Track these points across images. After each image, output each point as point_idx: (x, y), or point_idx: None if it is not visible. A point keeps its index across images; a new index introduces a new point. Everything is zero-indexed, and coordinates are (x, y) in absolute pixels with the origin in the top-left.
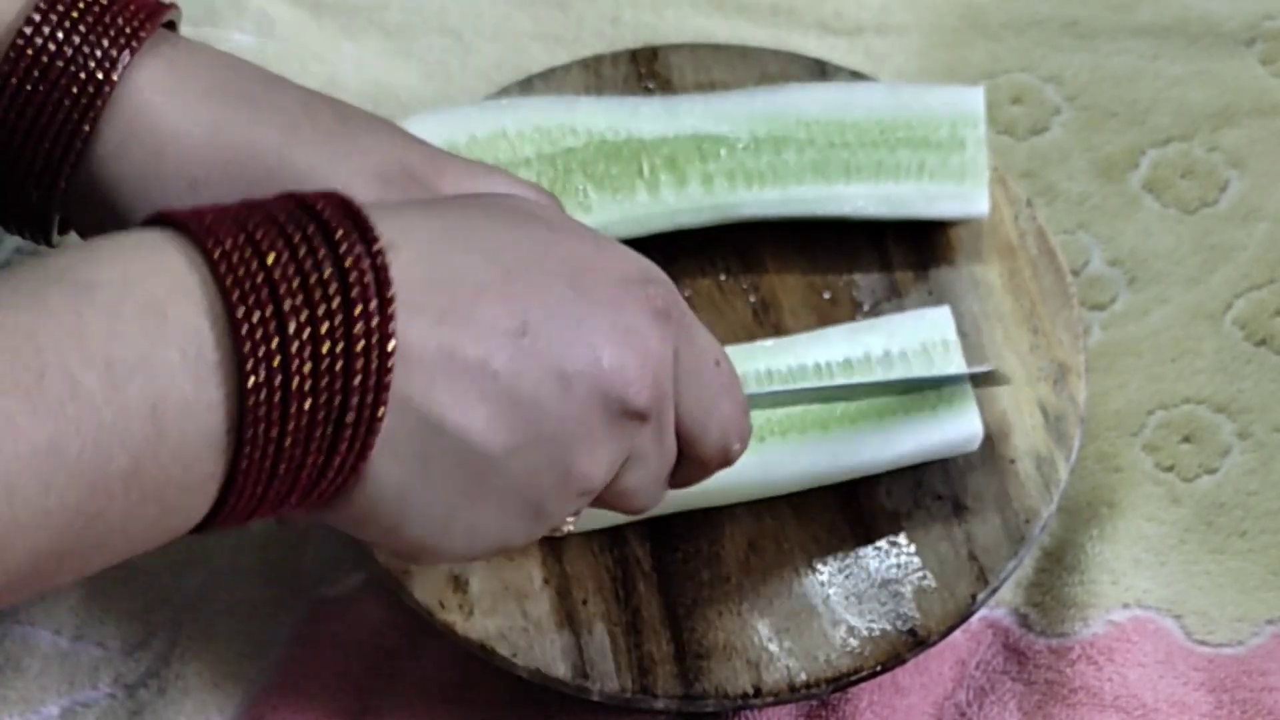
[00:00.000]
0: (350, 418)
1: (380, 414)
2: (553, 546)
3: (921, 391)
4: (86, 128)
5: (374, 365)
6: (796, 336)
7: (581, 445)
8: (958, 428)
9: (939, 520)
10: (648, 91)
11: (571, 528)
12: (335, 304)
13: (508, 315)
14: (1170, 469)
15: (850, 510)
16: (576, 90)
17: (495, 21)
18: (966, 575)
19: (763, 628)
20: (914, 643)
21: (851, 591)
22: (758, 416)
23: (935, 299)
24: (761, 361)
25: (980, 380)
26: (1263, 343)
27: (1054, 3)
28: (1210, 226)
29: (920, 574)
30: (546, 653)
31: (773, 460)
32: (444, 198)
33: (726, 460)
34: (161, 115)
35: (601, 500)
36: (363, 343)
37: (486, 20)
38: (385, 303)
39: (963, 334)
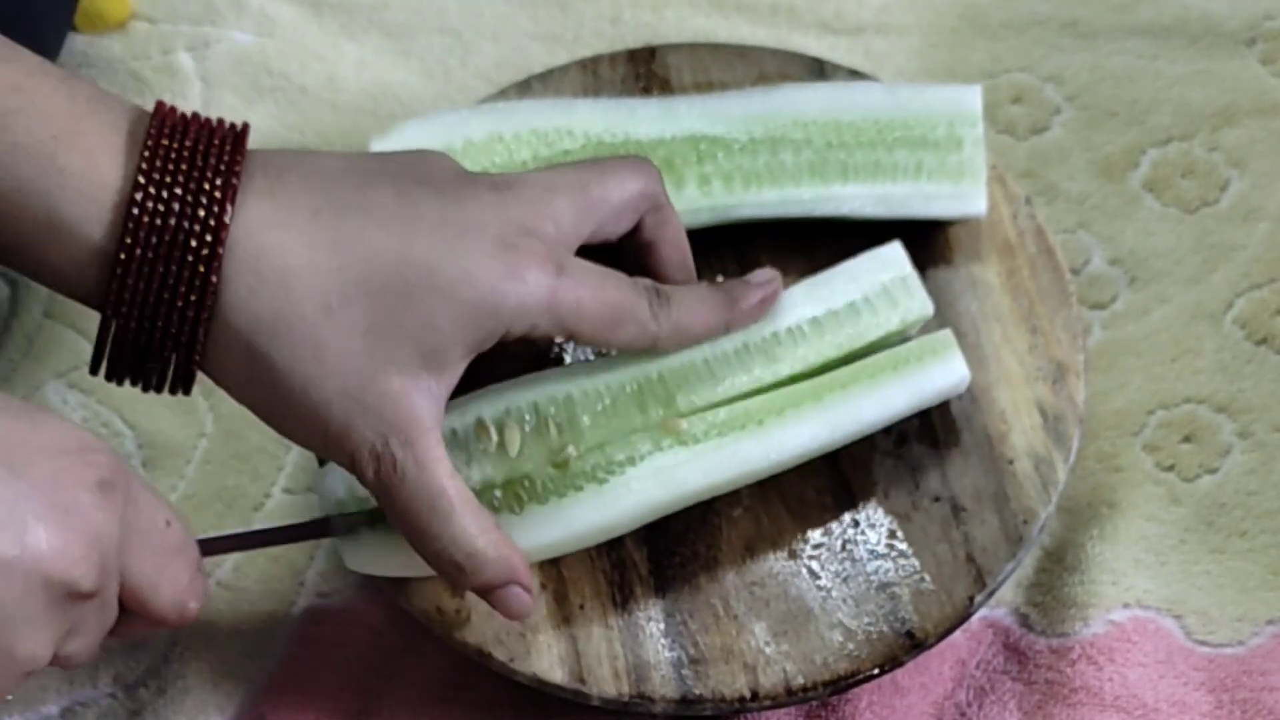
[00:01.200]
0: None
1: None
2: None
3: (904, 345)
4: (214, 279)
5: None
6: None
7: (24, 628)
8: (946, 374)
9: (937, 522)
10: (645, 92)
11: (10, 698)
12: None
13: None
14: (1170, 469)
15: (848, 513)
16: (575, 91)
17: (495, 21)
18: (964, 577)
19: (760, 631)
20: (911, 645)
21: (849, 594)
22: (756, 399)
23: (934, 299)
24: (738, 337)
25: None
26: (1263, 342)
27: (1054, 3)
28: (1210, 226)
29: (918, 576)
30: (544, 658)
31: (774, 441)
32: None
33: (183, 617)
34: (281, 252)
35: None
36: None
37: (486, 20)
38: None
39: (961, 334)
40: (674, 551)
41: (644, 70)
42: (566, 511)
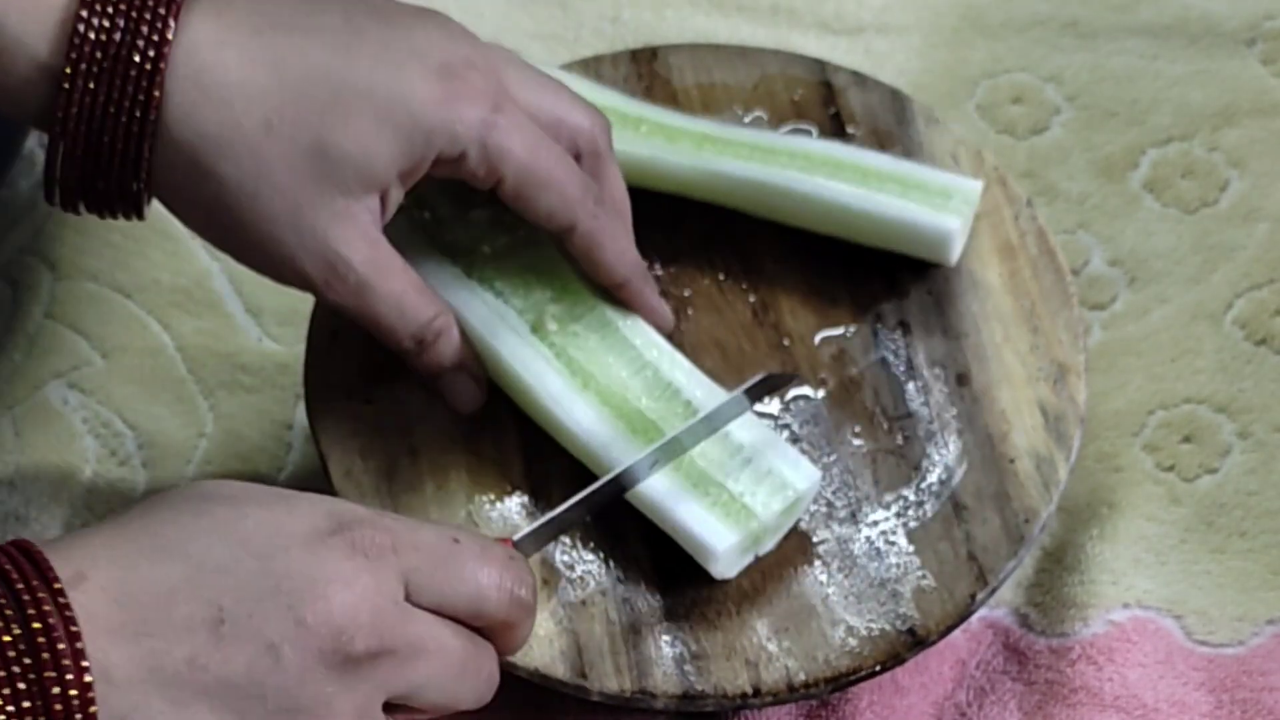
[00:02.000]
0: None
1: None
2: (552, 547)
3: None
4: (157, 94)
5: (74, 704)
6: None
7: (316, 705)
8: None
9: (938, 520)
10: (646, 92)
11: None
12: (26, 664)
13: (203, 608)
14: (1170, 469)
15: (849, 510)
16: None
17: (495, 21)
18: (966, 575)
19: (761, 627)
20: (913, 643)
21: (850, 591)
22: None
23: (935, 299)
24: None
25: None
26: (1263, 342)
27: (1054, 3)
28: (1210, 226)
29: (919, 574)
30: (545, 652)
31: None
32: (133, 509)
33: (525, 609)
34: (222, 69)
35: (428, 714)
36: (57, 689)
37: (487, 20)
38: (74, 646)
39: (963, 334)
40: (677, 547)
41: (645, 70)
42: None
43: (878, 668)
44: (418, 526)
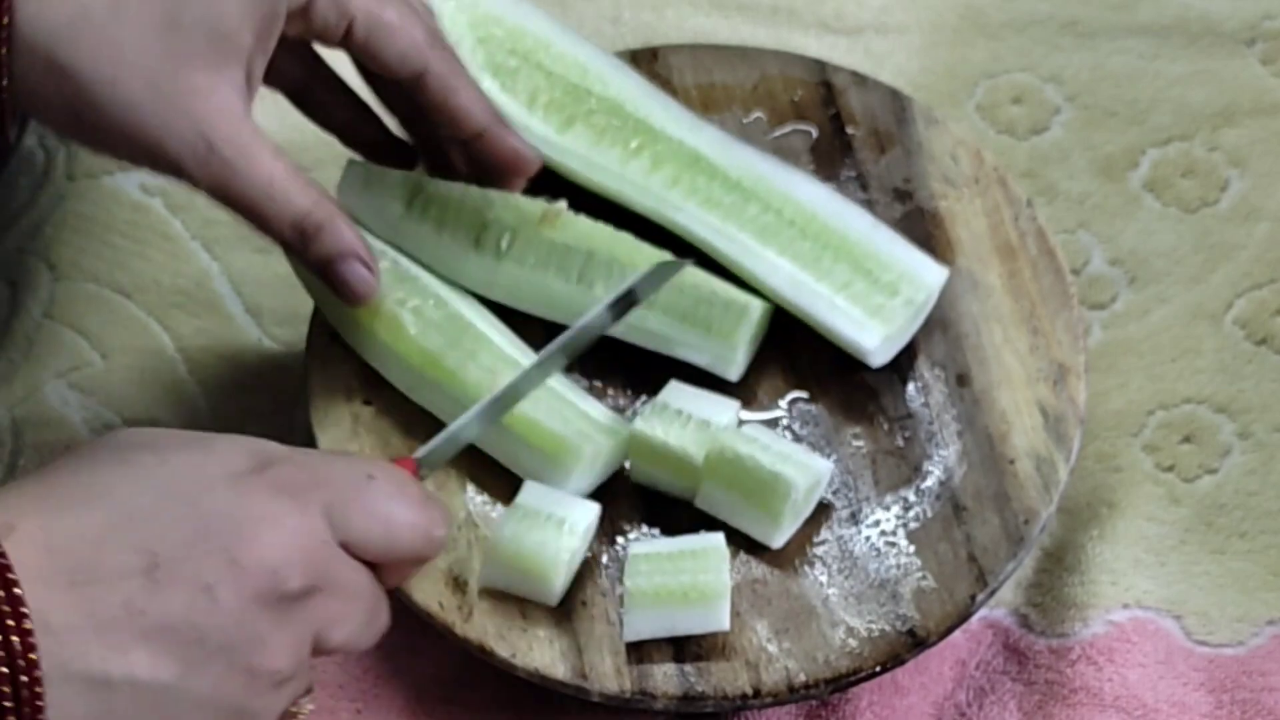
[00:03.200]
0: (9, 705)
1: (40, 694)
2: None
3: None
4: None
5: (17, 650)
6: None
7: (253, 644)
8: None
9: (938, 521)
10: None
11: (312, 706)
12: None
13: (135, 554)
14: (1170, 469)
15: (849, 511)
16: None
17: None
18: (966, 576)
19: (761, 628)
20: (913, 643)
21: (850, 592)
22: None
23: (937, 299)
24: None
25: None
26: (1263, 342)
27: (1054, 3)
28: (1211, 226)
29: (919, 574)
30: (545, 654)
31: None
32: (56, 462)
33: (437, 545)
34: None
35: (328, 655)
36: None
37: None
38: (11, 593)
39: (963, 335)
40: None
41: (646, 70)
42: None
43: (878, 668)
44: (333, 461)
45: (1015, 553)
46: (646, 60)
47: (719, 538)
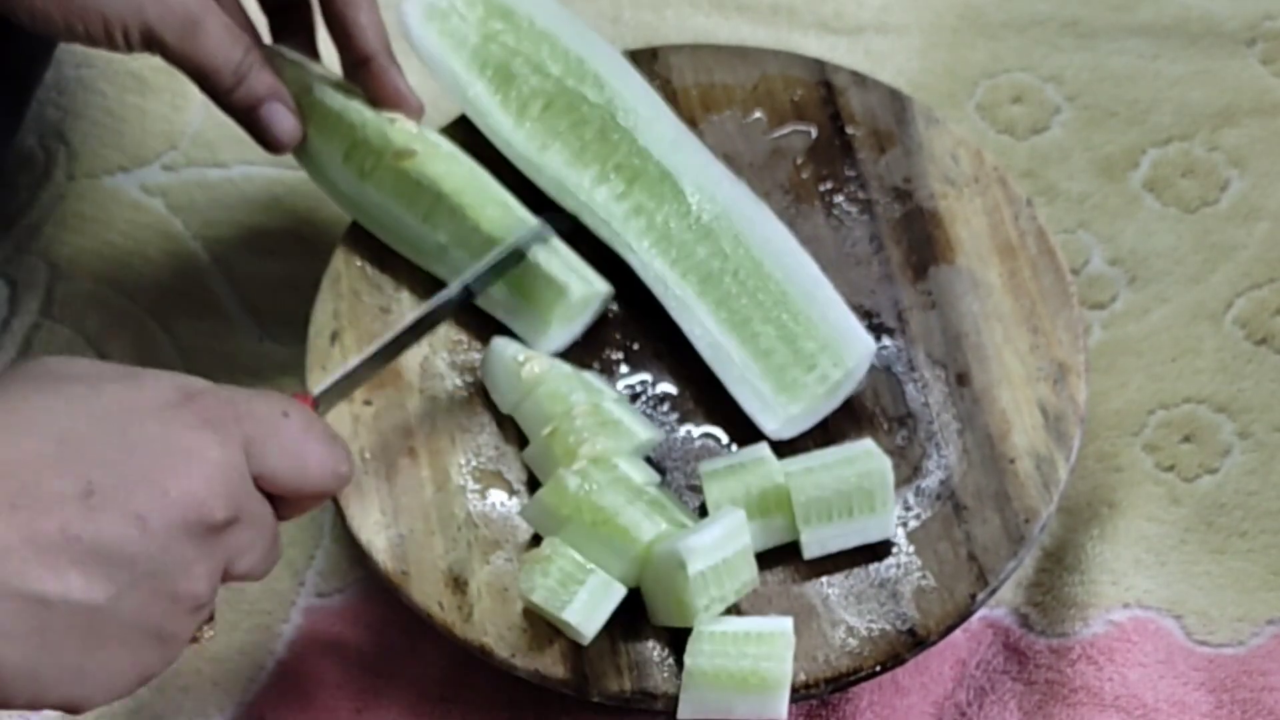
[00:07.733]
0: None
1: None
2: None
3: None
4: None
5: None
6: None
7: (177, 571)
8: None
9: (938, 520)
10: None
11: (212, 633)
12: None
13: (72, 480)
14: (1170, 469)
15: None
16: None
17: None
18: (966, 575)
19: None
20: (913, 643)
21: (850, 591)
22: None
23: (934, 299)
24: None
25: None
26: (1263, 342)
27: (1054, 3)
28: (1211, 225)
29: (920, 574)
30: (545, 654)
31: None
32: None
33: (342, 481)
34: None
35: (229, 582)
36: None
37: None
38: None
39: (963, 334)
40: None
41: (646, 70)
42: None
43: (878, 668)
44: (252, 397)
45: (1015, 552)
46: (646, 60)
47: (787, 623)
